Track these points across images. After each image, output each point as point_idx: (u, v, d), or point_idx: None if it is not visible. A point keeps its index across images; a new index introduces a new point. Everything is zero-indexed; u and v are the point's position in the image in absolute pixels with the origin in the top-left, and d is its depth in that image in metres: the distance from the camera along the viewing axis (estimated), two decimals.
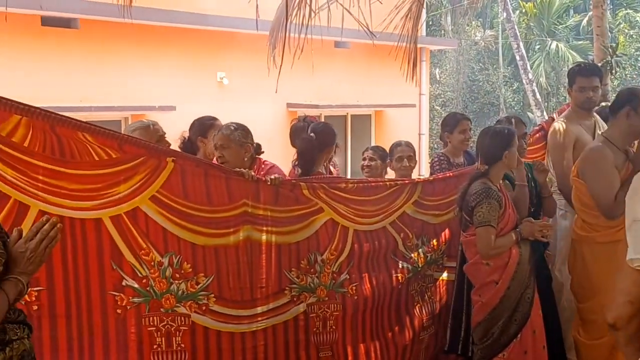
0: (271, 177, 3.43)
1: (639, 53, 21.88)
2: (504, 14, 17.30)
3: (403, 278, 3.95)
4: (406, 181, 4.09)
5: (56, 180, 2.84)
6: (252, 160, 3.78)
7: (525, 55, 16.70)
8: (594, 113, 4.50)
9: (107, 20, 7.79)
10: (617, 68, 6.08)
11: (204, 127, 4.15)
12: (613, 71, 6.00)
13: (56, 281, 2.89)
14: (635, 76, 21.59)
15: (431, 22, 22.35)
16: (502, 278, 3.57)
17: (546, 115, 14.67)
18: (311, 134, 3.86)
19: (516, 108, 24.08)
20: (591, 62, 5.75)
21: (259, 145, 3.85)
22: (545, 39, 23.84)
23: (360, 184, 3.86)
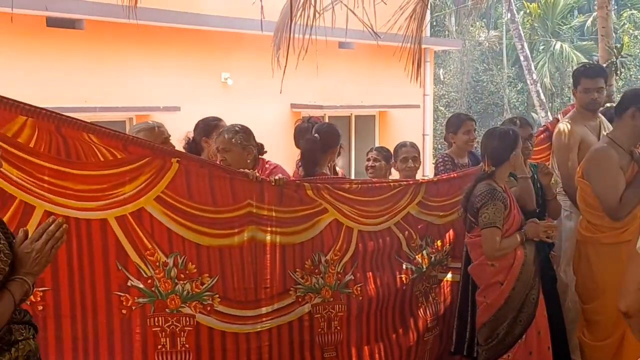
0: (275, 177, 3.43)
1: None
2: (508, 15, 17.26)
3: (407, 279, 3.95)
4: (410, 182, 4.08)
5: (61, 180, 2.84)
6: (255, 162, 3.78)
7: (529, 55, 16.66)
8: (599, 114, 4.50)
9: (112, 21, 7.82)
10: (622, 69, 6.06)
11: (208, 127, 4.16)
12: (618, 72, 5.99)
13: (61, 281, 2.90)
14: None
15: (435, 23, 22.34)
16: (507, 279, 3.56)
17: (550, 116, 14.64)
18: (315, 135, 3.86)
19: (520, 109, 24.05)
20: (596, 63, 5.73)
21: (261, 146, 3.85)
22: (550, 39, 23.81)
23: (364, 185, 3.85)
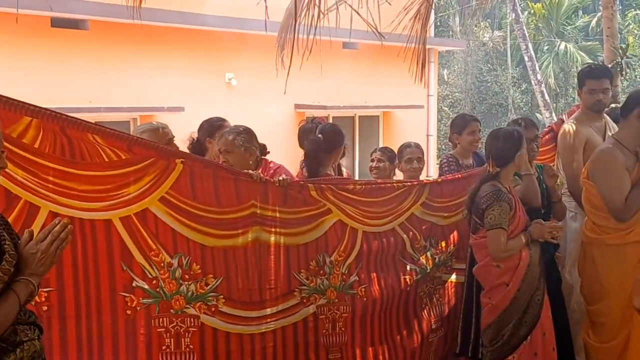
0: (279, 178, 3.42)
1: None
2: (512, 15, 17.20)
3: (411, 280, 3.94)
4: (414, 182, 4.08)
5: (66, 181, 2.84)
6: (257, 163, 3.77)
7: (533, 56, 16.60)
8: (604, 114, 4.48)
9: (117, 22, 7.83)
10: (627, 69, 6.05)
11: (212, 128, 4.16)
12: (623, 72, 5.97)
13: (66, 282, 2.90)
14: None
15: (439, 23, 22.33)
16: (513, 280, 3.55)
17: (555, 116, 14.58)
18: (319, 136, 3.85)
19: (524, 109, 24.01)
20: (601, 63, 5.71)
21: (264, 146, 3.84)
22: (554, 39, 23.75)
23: (368, 185, 3.85)
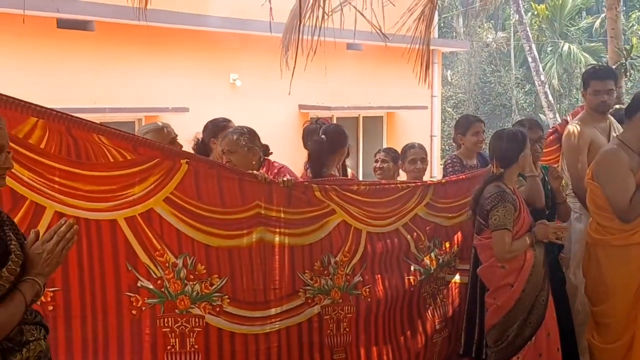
0: (283, 179, 3.43)
1: None
2: (516, 16, 17.20)
3: (415, 281, 3.94)
4: (418, 183, 4.08)
5: (72, 181, 2.85)
6: (260, 164, 3.77)
7: (537, 57, 16.59)
8: (609, 115, 4.48)
9: (122, 23, 7.84)
10: (631, 70, 6.03)
11: (217, 128, 4.17)
12: (627, 74, 5.95)
13: (72, 282, 2.90)
14: None
15: (443, 24, 22.32)
16: (518, 281, 3.55)
17: (559, 117, 14.58)
18: (322, 136, 3.85)
19: (528, 110, 23.98)
20: (605, 64, 5.70)
21: (267, 147, 3.85)
22: (558, 40, 23.72)
23: (372, 186, 3.85)
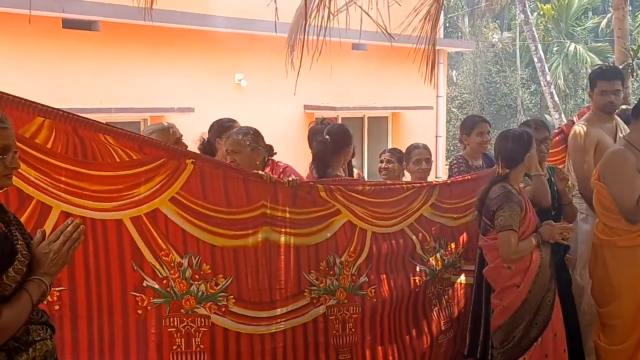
0: (289, 179, 3.43)
1: None
2: (521, 16, 17.13)
3: (421, 281, 3.93)
4: (424, 184, 4.07)
5: (78, 181, 2.85)
6: (264, 163, 3.77)
7: (543, 57, 16.53)
8: (615, 116, 4.47)
9: (128, 23, 7.86)
10: (638, 71, 6.01)
11: (222, 129, 4.17)
12: (634, 74, 5.94)
13: (78, 281, 2.91)
14: None
15: (448, 24, 22.30)
16: (524, 282, 3.54)
17: (564, 117, 14.53)
18: (326, 137, 3.85)
19: (533, 110, 23.93)
20: (612, 64, 5.68)
21: (271, 147, 3.84)
22: (564, 40, 23.66)
23: (378, 186, 3.85)
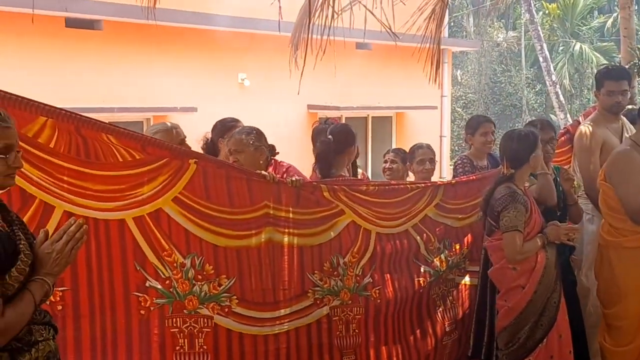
0: (292, 179, 3.42)
1: None
2: (527, 15, 17.06)
3: (425, 282, 3.92)
4: (428, 184, 4.05)
5: (81, 181, 2.85)
6: (267, 163, 3.76)
7: (548, 56, 16.47)
8: (621, 116, 4.44)
9: (131, 22, 7.87)
10: None
11: (225, 128, 4.16)
12: None
13: (80, 281, 2.90)
14: None
15: (453, 24, 22.25)
16: (529, 282, 3.53)
17: (570, 117, 14.47)
18: (329, 137, 3.84)
19: (539, 110, 23.87)
20: (618, 64, 5.65)
21: (273, 147, 3.83)
22: (569, 40, 23.59)
23: (382, 187, 3.84)
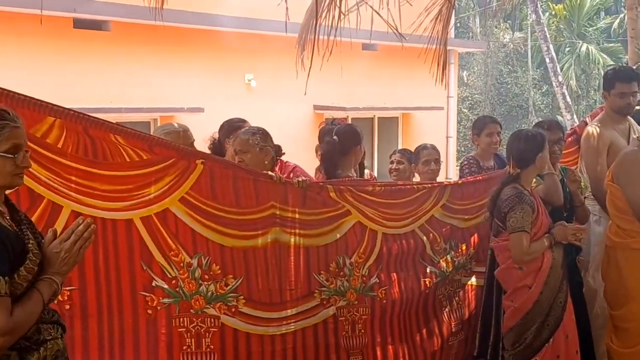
0: (298, 179, 3.42)
1: None
2: (533, 16, 17.04)
3: (431, 283, 3.92)
4: (434, 184, 4.05)
5: (89, 181, 2.86)
6: (273, 163, 3.76)
7: (554, 57, 16.43)
8: (629, 117, 4.43)
9: (138, 23, 7.87)
10: None
11: (232, 129, 4.16)
12: None
13: (88, 281, 2.92)
14: None
15: (459, 24, 22.21)
16: (535, 283, 3.52)
17: (576, 118, 14.44)
18: (334, 137, 3.83)
19: (545, 111, 23.80)
20: (626, 65, 5.63)
21: (279, 147, 3.83)
22: (576, 41, 23.51)
23: (388, 187, 3.83)
